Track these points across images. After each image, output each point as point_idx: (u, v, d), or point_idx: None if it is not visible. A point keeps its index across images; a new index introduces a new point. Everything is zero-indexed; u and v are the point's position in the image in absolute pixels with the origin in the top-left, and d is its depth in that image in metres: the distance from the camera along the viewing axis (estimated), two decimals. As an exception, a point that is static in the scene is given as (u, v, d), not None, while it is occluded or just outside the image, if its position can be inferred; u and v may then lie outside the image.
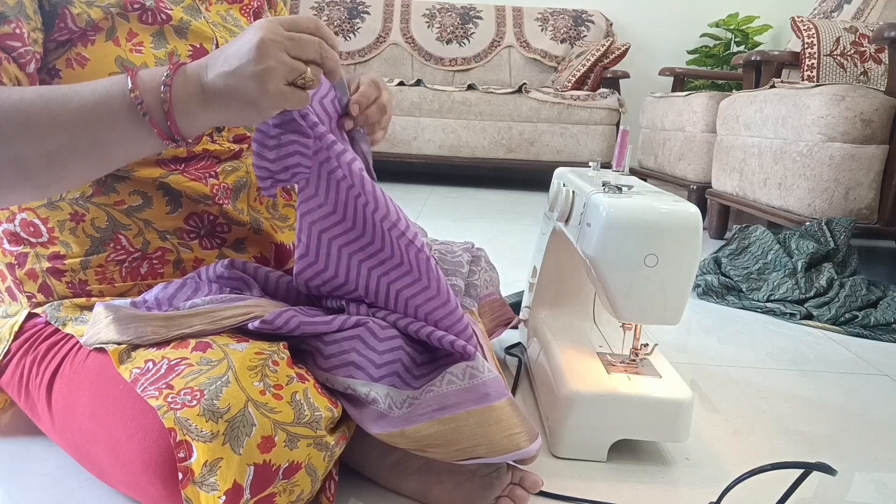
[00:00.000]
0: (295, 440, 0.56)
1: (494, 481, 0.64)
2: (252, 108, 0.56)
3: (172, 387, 0.56)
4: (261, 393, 0.56)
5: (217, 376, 0.56)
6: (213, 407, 0.54)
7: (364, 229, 0.67)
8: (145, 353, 0.61)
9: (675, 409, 0.75)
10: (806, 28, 2.26)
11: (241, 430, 0.54)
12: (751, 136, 2.06)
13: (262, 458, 0.54)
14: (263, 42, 0.54)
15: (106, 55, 0.67)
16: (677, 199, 0.74)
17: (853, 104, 1.63)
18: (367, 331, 0.65)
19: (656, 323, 0.75)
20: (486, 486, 0.64)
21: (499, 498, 0.64)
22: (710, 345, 1.23)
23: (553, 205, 0.94)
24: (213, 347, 0.60)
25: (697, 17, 3.98)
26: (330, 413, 0.60)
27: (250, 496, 0.54)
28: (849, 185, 1.67)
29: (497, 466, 0.64)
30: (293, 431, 0.56)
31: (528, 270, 1.12)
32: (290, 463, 0.56)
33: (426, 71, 3.77)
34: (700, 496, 0.71)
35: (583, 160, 3.31)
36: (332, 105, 0.70)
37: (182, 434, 0.53)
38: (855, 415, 0.96)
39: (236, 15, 0.83)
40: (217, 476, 0.52)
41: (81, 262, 0.70)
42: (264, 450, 0.54)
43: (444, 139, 3.29)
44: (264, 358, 0.60)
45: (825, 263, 1.55)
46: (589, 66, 3.42)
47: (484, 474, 0.64)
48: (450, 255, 0.92)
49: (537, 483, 0.65)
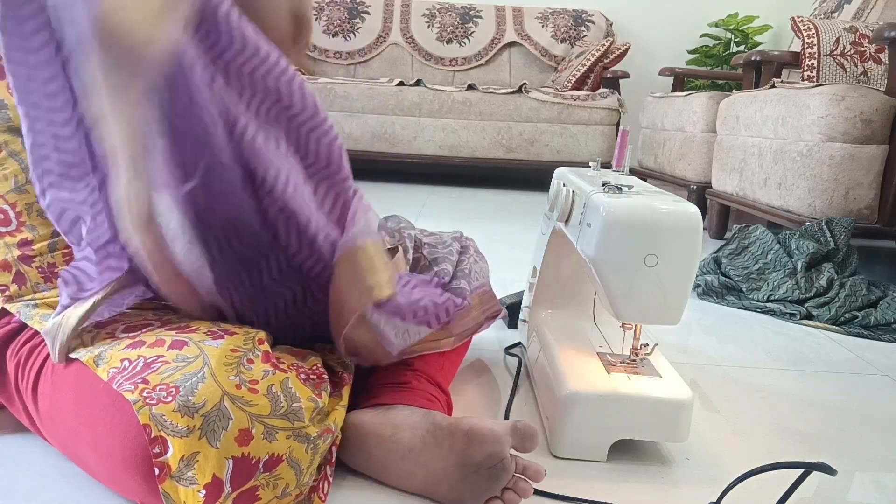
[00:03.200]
0: (273, 432, 0.57)
1: (500, 473, 0.64)
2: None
3: (148, 382, 0.56)
4: (237, 387, 0.57)
5: (193, 372, 0.57)
6: (188, 403, 0.54)
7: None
8: (120, 354, 0.60)
9: (675, 409, 0.75)
10: (806, 28, 2.26)
11: (217, 423, 0.54)
12: (751, 136, 2.06)
13: (241, 450, 0.55)
14: None
15: None
16: (677, 199, 0.74)
17: (853, 104, 1.63)
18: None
19: (656, 323, 0.75)
20: (492, 478, 0.64)
21: (504, 490, 0.64)
22: (710, 345, 1.23)
23: (553, 205, 0.94)
24: (189, 345, 0.60)
25: (697, 17, 3.98)
26: (313, 404, 0.60)
27: (231, 490, 0.54)
28: (849, 185, 1.67)
29: (502, 458, 0.64)
30: (270, 423, 0.57)
31: (528, 270, 1.12)
32: (270, 455, 0.56)
33: (426, 71, 3.77)
34: (700, 496, 0.71)
35: (583, 160, 3.31)
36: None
37: (157, 430, 0.53)
38: (855, 415, 0.96)
39: None
40: (195, 470, 0.53)
41: (49, 244, 0.70)
42: (242, 443, 0.55)
43: (444, 139, 3.29)
44: (239, 356, 0.60)
45: (825, 263, 1.55)
46: (589, 66, 3.42)
47: (489, 466, 0.64)
48: (441, 245, 0.93)
49: (540, 472, 0.65)
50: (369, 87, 3.23)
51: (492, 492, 0.64)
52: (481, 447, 0.64)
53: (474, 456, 0.64)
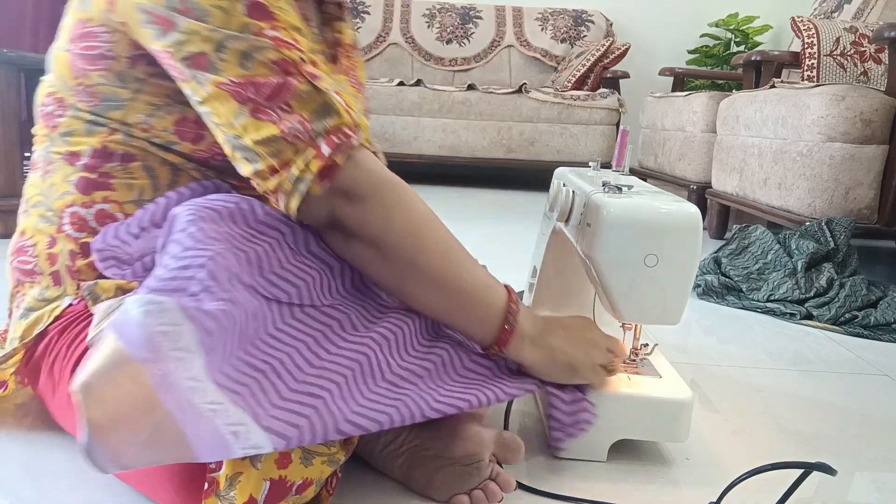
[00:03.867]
0: (310, 457, 0.58)
1: (473, 471, 0.66)
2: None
3: None
4: None
5: None
6: None
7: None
8: None
9: (675, 409, 0.75)
10: (806, 28, 2.26)
11: None
12: (751, 136, 2.06)
13: (279, 473, 0.55)
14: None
15: None
16: (677, 199, 0.74)
17: (853, 104, 1.63)
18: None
19: (656, 323, 0.75)
20: (465, 475, 0.65)
21: (473, 489, 0.66)
22: (710, 345, 1.23)
23: (553, 205, 0.94)
24: None
25: (697, 17, 3.98)
26: None
27: None
28: (849, 185, 1.67)
29: (479, 459, 0.66)
30: (310, 449, 0.58)
31: (528, 270, 1.12)
32: (304, 480, 0.57)
33: (426, 71, 3.77)
34: (700, 496, 0.71)
35: (583, 160, 3.31)
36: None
37: None
38: (855, 415, 0.96)
39: (348, 87, 0.85)
40: (237, 490, 0.53)
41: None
42: (281, 465, 0.56)
43: (444, 139, 3.29)
44: None
45: (825, 263, 1.55)
46: (589, 66, 3.42)
47: (465, 463, 0.66)
48: None
49: (510, 483, 0.67)
50: (369, 87, 3.23)
51: (461, 488, 0.65)
52: (463, 444, 0.66)
53: (454, 451, 0.66)
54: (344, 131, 0.63)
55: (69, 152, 0.69)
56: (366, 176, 0.65)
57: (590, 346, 0.73)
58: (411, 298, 0.68)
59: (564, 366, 0.72)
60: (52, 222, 0.70)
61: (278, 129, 0.61)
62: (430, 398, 0.63)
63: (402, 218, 0.66)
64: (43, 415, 0.77)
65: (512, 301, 0.70)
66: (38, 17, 2.82)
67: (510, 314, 0.70)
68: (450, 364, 0.69)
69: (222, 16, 0.60)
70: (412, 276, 0.67)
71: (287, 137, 0.61)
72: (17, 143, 1.67)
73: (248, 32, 0.61)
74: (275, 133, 0.61)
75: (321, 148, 0.62)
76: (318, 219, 0.65)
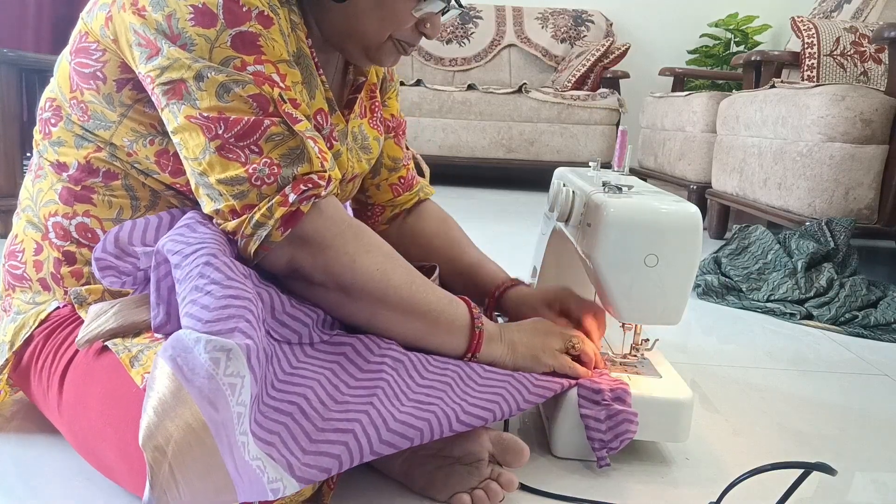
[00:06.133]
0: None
1: (473, 470, 0.65)
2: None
3: None
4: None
5: None
6: None
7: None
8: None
9: (675, 409, 0.75)
10: (806, 28, 2.26)
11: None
12: (751, 136, 2.06)
13: None
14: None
15: None
16: (677, 199, 0.74)
17: (853, 104, 1.63)
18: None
19: (656, 323, 0.75)
20: (465, 474, 0.65)
21: (474, 489, 0.65)
22: (710, 345, 1.23)
23: (553, 205, 0.94)
24: None
25: (697, 17, 3.98)
26: None
27: None
28: (849, 185, 1.67)
29: (478, 459, 0.66)
30: None
31: (528, 270, 1.12)
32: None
33: (426, 71, 3.77)
34: (700, 496, 0.71)
35: (583, 160, 3.31)
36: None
37: None
38: (855, 415, 0.96)
39: (366, 130, 0.87)
40: None
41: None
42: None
43: (444, 139, 3.29)
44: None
45: (825, 263, 1.55)
46: (589, 66, 3.42)
47: (465, 463, 0.66)
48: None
49: (512, 482, 0.66)
50: (369, 87, 3.23)
51: (461, 487, 0.65)
52: (462, 444, 0.66)
53: (454, 450, 0.66)
54: (313, 179, 0.64)
55: (58, 162, 0.70)
56: (329, 224, 0.66)
57: (545, 335, 0.77)
58: (383, 329, 0.70)
59: (526, 355, 0.75)
60: (39, 229, 0.71)
61: (244, 171, 0.61)
62: (458, 409, 0.64)
63: (369, 261, 0.67)
64: (32, 416, 0.77)
65: (473, 308, 0.74)
66: (40, 16, 2.81)
67: (476, 319, 0.73)
68: (467, 377, 0.70)
69: (207, 46, 0.61)
70: (382, 310, 0.69)
71: (252, 180, 0.62)
72: (17, 143, 1.67)
73: (230, 65, 0.61)
74: (240, 174, 0.62)
75: (288, 195, 0.62)
76: (277, 265, 0.66)
